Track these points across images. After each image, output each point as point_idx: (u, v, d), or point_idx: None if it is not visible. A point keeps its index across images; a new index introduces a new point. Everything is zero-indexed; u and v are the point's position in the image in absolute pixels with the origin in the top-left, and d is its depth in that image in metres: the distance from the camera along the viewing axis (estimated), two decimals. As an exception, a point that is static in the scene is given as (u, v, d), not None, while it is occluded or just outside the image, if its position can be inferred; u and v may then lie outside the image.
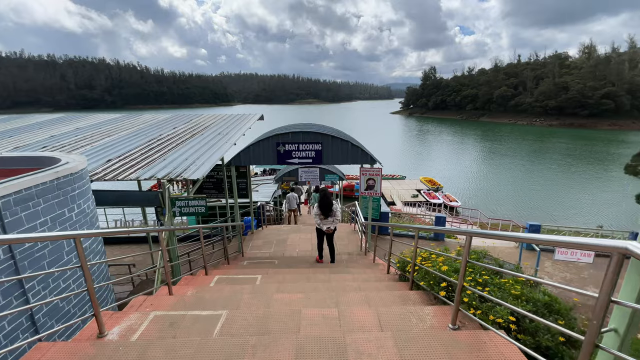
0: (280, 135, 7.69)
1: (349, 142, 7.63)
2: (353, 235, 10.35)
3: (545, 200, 33.15)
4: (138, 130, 10.52)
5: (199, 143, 8.37)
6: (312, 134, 7.60)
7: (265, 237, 10.35)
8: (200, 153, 7.51)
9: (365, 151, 7.65)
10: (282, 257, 8.05)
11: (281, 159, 7.80)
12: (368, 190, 7.94)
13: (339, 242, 9.54)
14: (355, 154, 7.75)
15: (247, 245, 9.63)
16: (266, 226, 11.95)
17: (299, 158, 7.70)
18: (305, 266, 7.07)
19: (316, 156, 7.83)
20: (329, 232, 6.92)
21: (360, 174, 7.87)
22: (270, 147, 7.69)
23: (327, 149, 7.69)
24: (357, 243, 9.50)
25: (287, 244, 9.61)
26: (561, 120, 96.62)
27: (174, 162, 6.96)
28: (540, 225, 13.27)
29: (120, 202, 6.02)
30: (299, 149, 7.63)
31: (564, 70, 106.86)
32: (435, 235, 13.82)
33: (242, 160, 7.85)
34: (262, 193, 14.89)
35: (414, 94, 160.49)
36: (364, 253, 8.31)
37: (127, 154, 7.64)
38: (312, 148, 7.61)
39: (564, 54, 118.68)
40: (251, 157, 7.78)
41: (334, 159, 7.88)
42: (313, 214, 6.93)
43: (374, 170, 7.86)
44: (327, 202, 6.70)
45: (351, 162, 8.04)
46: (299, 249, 9.10)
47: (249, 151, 7.88)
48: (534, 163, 51.02)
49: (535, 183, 39.75)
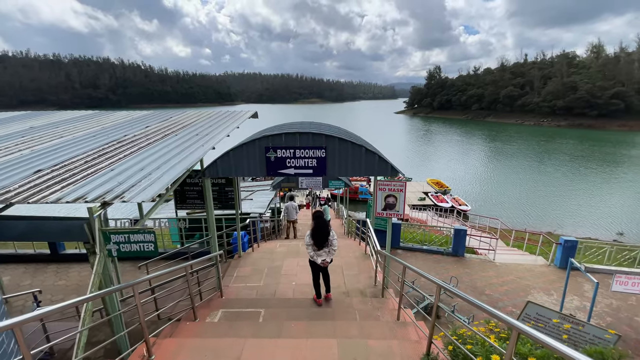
0: (270, 137, 5.61)
1: (362, 146, 5.59)
2: (364, 261, 8.38)
3: (558, 204, 31.30)
4: (102, 129, 8.56)
5: (167, 147, 6.45)
6: (312, 136, 5.59)
7: (255, 262, 8.40)
8: (164, 160, 5.60)
9: (384, 159, 5.68)
10: (272, 300, 6.10)
11: (272, 168, 5.75)
12: (387, 211, 5.99)
13: (347, 271, 7.60)
14: (370, 163, 5.70)
15: (231, 275, 7.69)
16: (258, 245, 9.99)
17: (296, 168, 5.74)
18: (303, 318, 5.13)
19: (318, 165, 5.79)
20: (325, 265, 5.63)
21: (377, 189, 5.92)
22: (257, 152, 5.71)
23: (333, 156, 5.69)
24: (369, 273, 7.55)
25: (282, 273, 7.67)
26: (569, 120, 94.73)
27: (123, 174, 5.03)
28: (577, 242, 11.27)
29: (30, 235, 4.17)
30: (295, 155, 5.66)
31: (572, 69, 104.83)
32: (454, 250, 11.86)
33: (220, 170, 5.88)
34: (256, 202, 12.96)
35: (418, 94, 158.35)
36: (380, 293, 6.35)
37: (68, 162, 5.71)
38: (313, 155, 5.65)
39: (572, 53, 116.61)
40: (232, 166, 5.82)
41: (341, 169, 5.82)
42: (305, 243, 5.67)
43: (396, 184, 5.91)
44: (322, 231, 5.44)
45: (364, 174, 6.07)
46: (296, 282, 7.15)
47: (228, 158, 5.83)
48: (545, 164, 49.08)
49: (547, 185, 37.90)
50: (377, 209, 6.02)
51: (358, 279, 7.30)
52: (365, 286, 6.92)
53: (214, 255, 6.12)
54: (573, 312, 8.18)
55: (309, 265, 5.93)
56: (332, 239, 5.58)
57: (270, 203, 13.32)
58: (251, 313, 5.32)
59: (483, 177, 42.97)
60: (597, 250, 12.40)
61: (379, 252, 6.48)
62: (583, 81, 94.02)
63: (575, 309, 8.35)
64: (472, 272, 10.11)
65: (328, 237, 5.52)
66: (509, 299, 8.32)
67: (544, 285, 9.21)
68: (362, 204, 31.29)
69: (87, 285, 9.07)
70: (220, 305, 5.68)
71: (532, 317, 4.47)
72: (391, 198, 5.91)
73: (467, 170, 46.05)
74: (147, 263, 7.78)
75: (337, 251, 8.56)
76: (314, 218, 5.60)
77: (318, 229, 5.45)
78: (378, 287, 6.83)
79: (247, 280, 7.34)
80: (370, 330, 4.46)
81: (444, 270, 10.16)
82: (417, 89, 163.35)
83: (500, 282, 9.46)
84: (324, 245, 5.52)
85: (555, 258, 11.11)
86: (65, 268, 9.53)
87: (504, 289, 8.96)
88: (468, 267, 10.57)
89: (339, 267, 7.87)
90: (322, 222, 5.51)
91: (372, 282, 7.09)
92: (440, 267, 10.47)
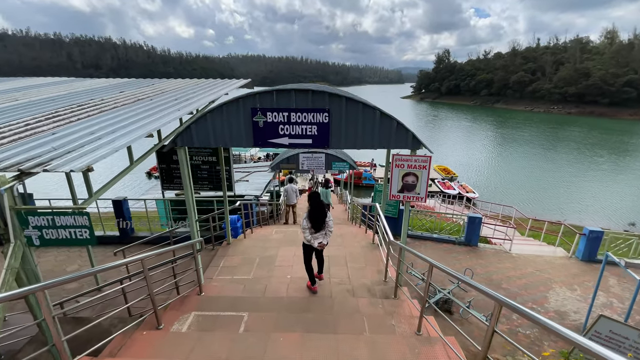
0: (258, 95, 4.39)
1: (376, 109, 4.38)
2: (371, 252, 7.22)
3: (566, 192, 30.49)
4: (68, 94, 7.34)
5: (134, 111, 5.26)
6: (312, 95, 4.36)
7: (246, 250, 7.28)
8: (124, 124, 4.42)
9: (403, 126, 4.42)
10: (261, 299, 4.95)
11: (260, 137, 4.51)
12: (405, 193, 4.77)
13: (352, 263, 6.47)
14: (386, 131, 4.48)
15: (216, 265, 6.57)
16: (251, 231, 8.84)
17: (291, 137, 4.48)
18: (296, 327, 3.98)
19: (319, 134, 4.52)
20: (322, 247, 5.31)
21: (393, 165, 4.69)
22: (241, 116, 4.45)
23: (339, 122, 4.47)
24: (378, 267, 6.42)
25: (275, 264, 6.54)
26: (580, 108, 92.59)
27: (65, 138, 3.85)
28: (603, 232, 10.14)
29: None
30: (290, 120, 4.39)
31: (586, 55, 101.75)
32: (467, 239, 10.75)
33: (196, 138, 4.63)
34: (252, 184, 11.79)
35: (426, 78, 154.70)
36: (392, 291, 5.21)
37: (3, 125, 4.55)
38: (313, 119, 4.39)
39: (585, 38, 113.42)
40: (210, 133, 4.57)
41: (348, 139, 4.57)
42: (301, 228, 5.31)
43: (418, 159, 4.67)
44: (319, 212, 5.09)
45: (378, 145, 4.61)
46: (291, 276, 6.02)
47: (205, 123, 4.54)
48: (554, 152, 47.80)
49: (555, 173, 36.83)
50: (392, 191, 4.81)
51: (364, 273, 6.16)
52: (373, 282, 5.79)
53: (190, 244, 4.98)
54: (600, 310, 7.16)
55: None
56: (328, 220, 5.24)
57: (269, 185, 12.13)
58: (231, 318, 4.18)
59: (491, 164, 41.83)
60: (623, 242, 11.29)
61: (391, 242, 5.32)
62: (596, 67, 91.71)
63: (602, 306, 7.39)
64: (487, 264, 9.23)
65: (325, 219, 5.16)
66: (528, 293, 7.48)
67: (565, 280, 8.37)
68: (365, 189, 30.39)
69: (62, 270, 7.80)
70: (196, 306, 4.56)
71: (603, 335, 3.30)
72: (411, 177, 4.67)
73: (474, 157, 44.77)
74: (124, 249, 6.74)
75: (341, 240, 7.43)
76: (310, 199, 5.15)
77: (315, 210, 5.05)
78: (389, 285, 5.69)
79: (235, 272, 6.23)
80: (385, 350, 3.31)
81: (455, 261, 9.31)
82: (424, 73, 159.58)
83: (518, 274, 8.61)
84: (321, 228, 5.18)
85: (577, 249, 10.22)
86: (39, 251, 8.63)
87: (522, 282, 8.10)
88: (482, 258, 9.70)
89: (343, 259, 6.75)
90: (318, 203, 5.11)
91: (382, 277, 5.96)
92: (451, 257, 9.59)
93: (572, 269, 9.11)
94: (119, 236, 9.41)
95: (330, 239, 7.86)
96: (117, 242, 8.99)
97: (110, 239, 9.32)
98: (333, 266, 6.43)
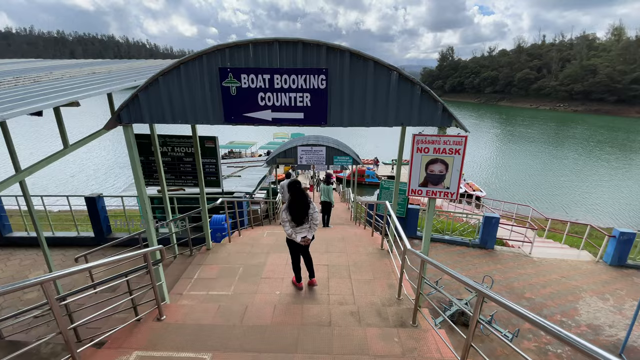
0: (228, 50, 3.10)
1: (392, 70, 3.00)
2: (380, 260, 5.94)
3: (579, 192, 29.28)
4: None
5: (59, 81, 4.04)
6: (303, 48, 3.05)
7: (229, 258, 6.02)
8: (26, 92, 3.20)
9: (429, 94, 3.15)
10: (235, 330, 3.64)
11: (233, 109, 3.28)
12: (429, 187, 3.49)
13: (357, 275, 5.24)
14: (407, 100, 3.22)
15: (189, 277, 5.33)
16: (239, 234, 7.59)
17: (275, 109, 3.19)
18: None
19: (314, 105, 3.24)
20: (306, 243, 4.74)
21: (413, 150, 3.42)
22: (205, 79, 3.12)
23: (340, 87, 3.19)
24: (389, 279, 5.17)
25: (262, 276, 5.29)
26: (587, 105, 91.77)
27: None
28: (635, 234, 9.08)
29: None
30: (274, 85, 3.02)
31: (592, 52, 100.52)
32: (482, 240, 9.70)
33: (146, 111, 3.31)
34: (244, 180, 10.55)
35: (429, 76, 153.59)
36: (409, 316, 3.97)
37: None
38: (305, 84, 3.05)
39: (592, 35, 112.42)
40: (165, 105, 3.30)
41: (353, 113, 3.29)
42: (280, 220, 4.98)
43: (449, 141, 3.37)
44: (301, 203, 4.57)
45: (395, 122, 3.29)
46: (280, 292, 4.79)
47: (157, 90, 3.28)
48: (561, 150, 46.71)
49: (563, 172, 35.75)
50: (411, 184, 3.55)
51: (373, 288, 4.91)
52: (384, 301, 4.54)
53: (141, 253, 3.74)
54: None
55: (302, 265, 4.95)
56: (313, 212, 4.69)
57: (263, 181, 10.89)
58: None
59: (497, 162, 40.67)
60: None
61: (409, 252, 4.08)
62: (603, 64, 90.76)
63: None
64: (506, 269, 8.35)
65: (308, 211, 4.62)
66: (555, 304, 6.66)
67: (595, 288, 7.54)
68: (368, 187, 29.23)
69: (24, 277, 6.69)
70: (145, 340, 3.32)
71: None
72: (438, 165, 3.39)
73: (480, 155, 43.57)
74: (87, 254, 5.59)
75: (343, 245, 6.24)
76: (290, 187, 4.62)
77: (296, 201, 4.55)
78: (404, 304, 4.45)
79: (211, 286, 5.00)
80: None
81: (471, 265, 8.43)
82: (428, 71, 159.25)
83: (542, 282, 7.71)
84: (303, 221, 4.62)
85: (605, 253, 9.29)
86: (7, 254, 7.93)
87: (547, 291, 7.24)
88: (500, 263, 8.80)
89: (345, 269, 5.51)
90: (299, 192, 4.63)
91: (394, 293, 4.72)
92: (466, 261, 8.69)
93: (601, 275, 8.27)
94: (94, 237, 8.47)
95: (331, 244, 6.72)
96: (92, 244, 8.04)
97: (84, 241, 8.45)
98: (333, 278, 5.21)
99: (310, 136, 12.96)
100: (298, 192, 4.62)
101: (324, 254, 6.13)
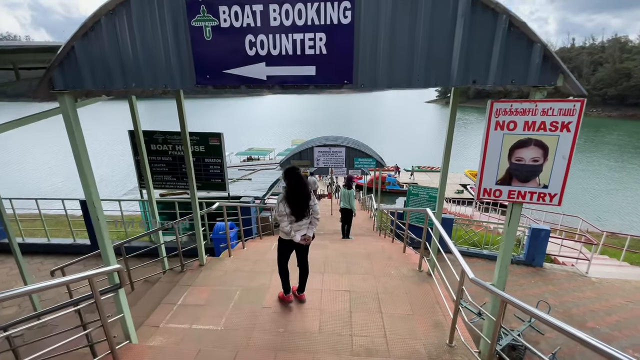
0: None
1: None
2: (419, 285, 4.55)
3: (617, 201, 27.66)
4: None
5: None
6: None
7: (225, 277, 4.80)
8: None
9: (520, 30, 1.93)
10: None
11: (207, 63, 2.08)
12: (515, 186, 2.16)
13: (389, 306, 3.95)
14: (481, 39, 1.89)
15: (172, 302, 4.16)
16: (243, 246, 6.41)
17: (272, 61, 2.09)
18: None
19: (332, 52, 2.00)
20: (307, 242, 3.87)
21: (489, 125, 2.15)
22: (166, 18, 2.05)
23: (374, 22, 1.92)
24: (433, 314, 3.82)
25: (264, 305, 4.05)
26: (622, 111, 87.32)
27: None
28: None
29: None
30: (270, 21, 1.83)
31: (625, 55, 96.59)
32: (528, 256, 8.44)
33: (87, 72, 2.22)
34: (254, 184, 9.42)
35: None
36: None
37: None
38: (318, 19, 1.91)
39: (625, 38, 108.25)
40: (111, 61, 2.25)
41: (396, 63, 2.00)
42: (276, 214, 3.88)
43: (553, 109, 2.07)
44: (301, 194, 3.71)
45: (463, 78, 1.96)
46: (285, 329, 3.55)
47: (100, 38, 2.13)
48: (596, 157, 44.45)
49: (601, 179, 34.04)
50: (482, 182, 2.24)
51: (412, 327, 3.58)
52: (430, 349, 3.22)
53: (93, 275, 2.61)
54: None
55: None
56: (313, 204, 3.93)
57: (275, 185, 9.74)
58: None
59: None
60: None
61: (474, 281, 2.77)
62: (638, 67, 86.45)
63: None
64: (561, 292, 7.18)
65: (308, 202, 3.85)
66: (624, 335, 5.65)
67: None
68: (389, 195, 27.84)
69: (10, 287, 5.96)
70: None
71: None
72: (530, 150, 2.01)
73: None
74: (65, 266, 4.65)
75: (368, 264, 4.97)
76: (288, 174, 3.78)
77: (294, 190, 3.75)
78: (459, 354, 3.12)
79: (197, 317, 3.80)
80: None
81: (517, 286, 7.32)
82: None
83: (605, 308, 6.60)
84: (304, 215, 3.83)
85: None
86: None
87: (613, 319, 6.17)
88: (552, 283, 7.61)
89: (373, 298, 4.19)
90: (299, 180, 3.78)
91: (443, 336, 3.38)
92: (511, 281, 7.44)
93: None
94: (90, 245, 7.70)
95: (353, 262, 5.39)
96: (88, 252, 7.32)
97: (79, 248, 7.75)
98: (358, 311, 3.91)
99: (329, 136, 11.79)
100: (298, 179, 3.78)
101: (345, 275, 4.82)
